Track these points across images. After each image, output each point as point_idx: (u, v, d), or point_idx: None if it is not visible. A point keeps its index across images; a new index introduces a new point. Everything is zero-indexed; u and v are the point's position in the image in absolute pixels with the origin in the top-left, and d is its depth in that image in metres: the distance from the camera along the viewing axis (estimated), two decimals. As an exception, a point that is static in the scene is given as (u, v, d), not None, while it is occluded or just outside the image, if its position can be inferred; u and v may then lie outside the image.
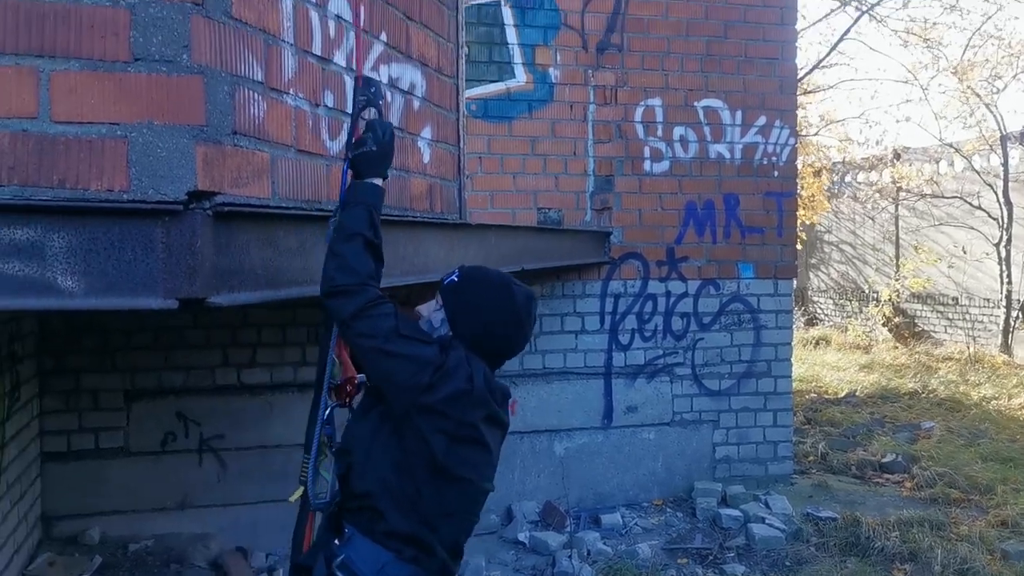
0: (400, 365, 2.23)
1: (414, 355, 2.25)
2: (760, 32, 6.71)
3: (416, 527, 2.29)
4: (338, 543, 2.28)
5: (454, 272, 2.49)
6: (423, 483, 2.29)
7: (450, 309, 2.45)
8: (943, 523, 5.91)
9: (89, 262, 1.70)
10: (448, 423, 2.29)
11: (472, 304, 2.44)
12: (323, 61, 2.39)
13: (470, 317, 2.42)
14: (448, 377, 2.27)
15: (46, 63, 1.68)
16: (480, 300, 2.44)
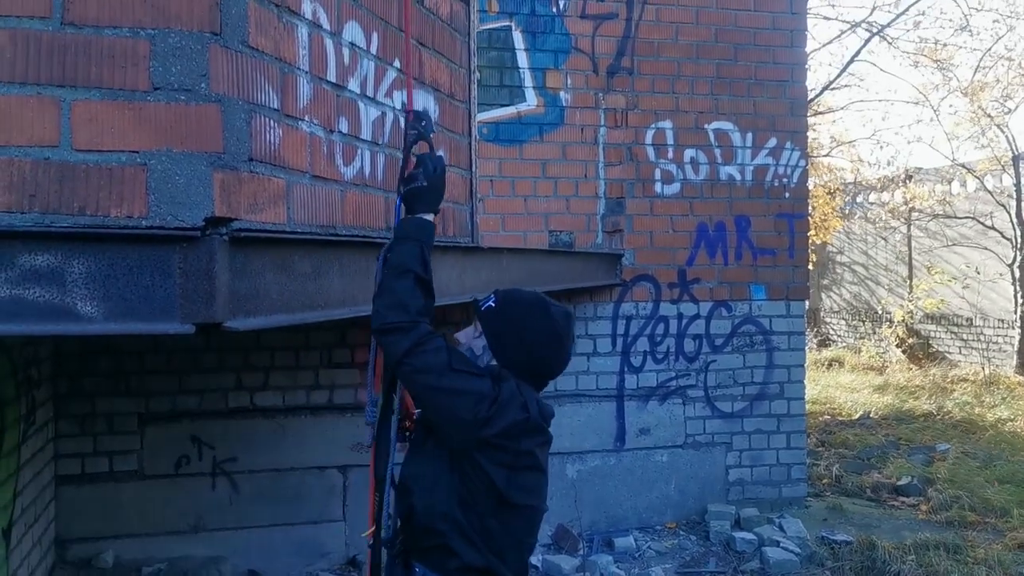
0: (456, 401, 2.23)
1: (469, 390, 2.24)
2: (770, 55, 6.74)
3: (488, 559, 2.30)
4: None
5: (489, 297, 2.50)
6: (488, 515, 2.30)
7: (491, 335, 2.45)
8: (959, 546, 5.86)
9: (108, 287, 1.72)
10: (506, 455, 2.30)
11: (513, 328, 2.43)
12: (337, 88, 2.42)
13: (512, 341, 2.42)
14: (504, 409, 2.27)
15: (67, 93, 1.71)
16: (520, 323, 2.44)
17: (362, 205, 2.59)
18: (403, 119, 2.50)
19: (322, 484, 5.74)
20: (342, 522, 5.77)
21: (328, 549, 5.73)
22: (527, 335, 2.42)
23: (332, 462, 5.76)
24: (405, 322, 2.21)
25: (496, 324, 2.45)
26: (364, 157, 2.59)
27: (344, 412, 5.80)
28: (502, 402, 2.27)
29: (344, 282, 2.44)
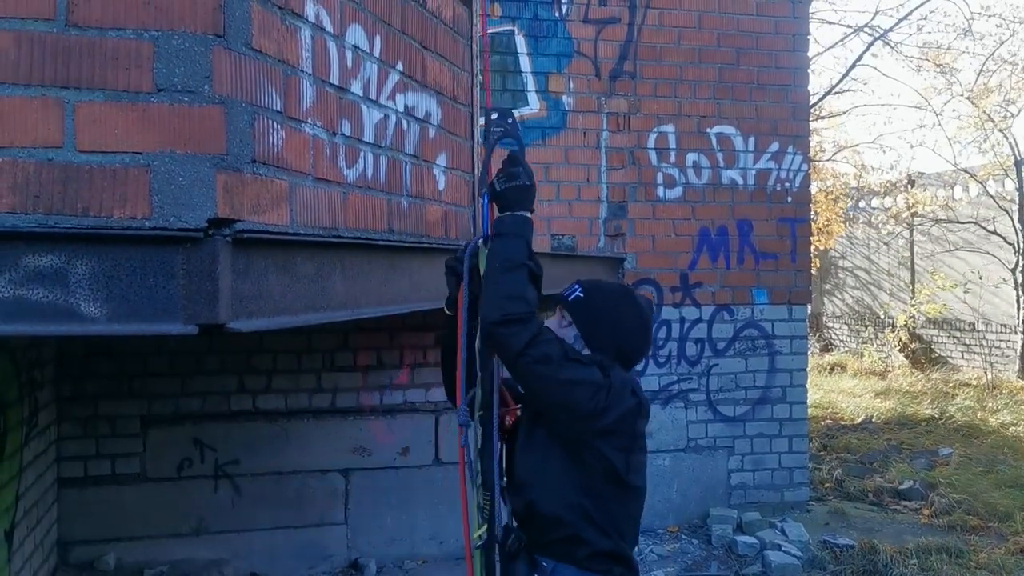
0: (575, 391, 2.25)
1: (586, 379, 2.27)
2: (772, 59, 6.75)
3: (615, 543, 2.35)
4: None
5: (574, 288, 2.53)
6: (610, 499, 2.35)
7: (582, 325, 2.48)
8: (962, 551, 5.85)
9: (111, 288, 1.73)
10: (624, 440, 2.35)
11: (605, 318, 2.48)
12: (340, 90, 2.43)
13: (605, 330, 2.46)
14: (619, 396, 2.31)
15: (71, 94, 1.72)
16: (612, 313, 2.49)
17: (365, 207, 2.59)
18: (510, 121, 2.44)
19: (324, 487, 5.74)
20: (344, 525, 5.77)
21: (330, 552, 5.73)
22: (619, 323, 2.47)
23: (334, 465, 5.76)
24: (523, 314, 2.22)
25: (586, 313, 2.48)
26: (367, 159, 2.60)
27: (346, 416, 5.81)
28: (616, 389, 2.31)
29: (347, 284, 2.45)
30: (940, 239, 16.29)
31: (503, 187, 2.35)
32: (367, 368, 5.89)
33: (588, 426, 2.28)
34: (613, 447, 2.32)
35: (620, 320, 2.49)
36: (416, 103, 2.97)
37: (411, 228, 2.95)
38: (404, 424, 5.91)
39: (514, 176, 2.36)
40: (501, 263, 2.26)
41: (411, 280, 2.95)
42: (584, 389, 2.26)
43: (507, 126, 2.46)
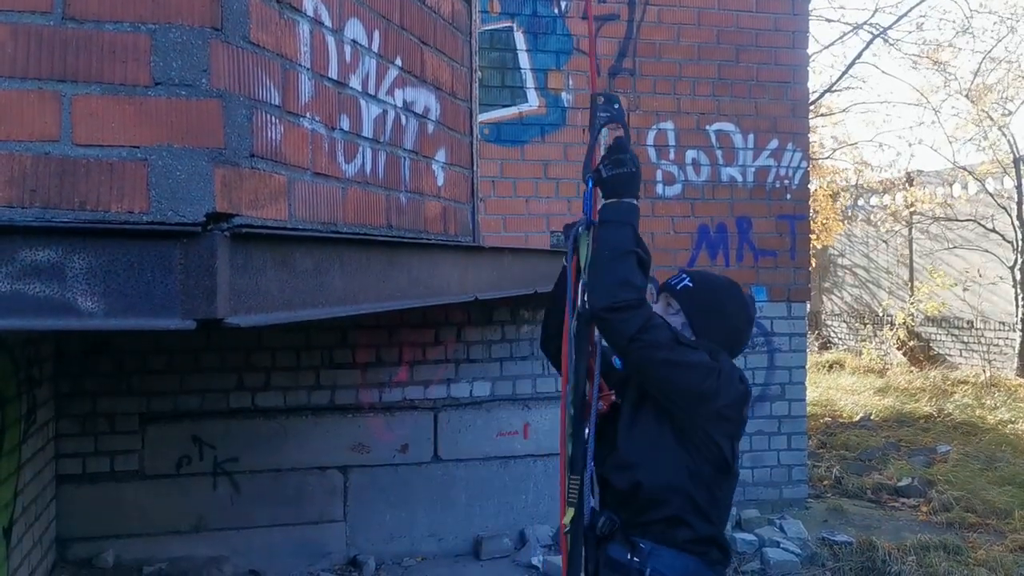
0: (688, 374, 2.29)
1: (697, 362, 2.31)
2: (772, 56, 6.74)
3: (715, 529, 2.39)
4: (637, 559, 2.33)
5: (682, 276, 2.59)
6: (713, 484, 2.39)
7: (691, 313, 2.51)
8: (960, 548, 5.85)
9: (109, 283, 1.72)
10: (731, 426, 2.41)
11: (714, 307, 2.52)
12: (339, 85, 2.42)
13: (713, 320, 2.50)
14: (728, 381, 2.36)
15: (68, 87, 1.71)
16: (721, 303, 2.54)
17: (363, 203, 2.58)
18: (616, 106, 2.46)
19: (323, 484, 5.74)
20: (343, 523, 5.77)
21: (329, 549, 5.73)
22: (728, 314, 2.53)
23: (333, 462, 5.76)
24: (635, 300, 2.25)
25: (696, 302, 2.52)
26: (365, 155, 2.59)
27: (346, 413, 5.80)
28: (726, 374, 2.35)
29: (345, 280, 2.44)
30: (939, 237, 16.30)
31: (609, 173, 2.36)
32: (366, 365, 5.88)
33: (700, 409, 2.33)
34: (722, 433, 2.38)
35: (729, 311, 2.54)
36: (415, 98, 2.96)
37: (410, 224, 2.94)
38: (403, 421, 5.91)
39: (621, 163, 2.37)
40: (610, 250, 2.28)
41: (410, 276, 2.94)
42: (695, 372, 2.30)
43: (614, 111, 2.46)
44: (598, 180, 2.40)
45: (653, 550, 2.33)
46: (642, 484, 2.36)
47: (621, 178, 2.36)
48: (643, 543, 2.35)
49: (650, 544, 2.34)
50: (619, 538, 2.37)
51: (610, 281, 2.26)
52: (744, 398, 2.42)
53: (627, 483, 2.38)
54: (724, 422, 2.38)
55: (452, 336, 6.07)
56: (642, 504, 2.37)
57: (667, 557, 2.33)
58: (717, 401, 2.32)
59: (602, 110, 2.49)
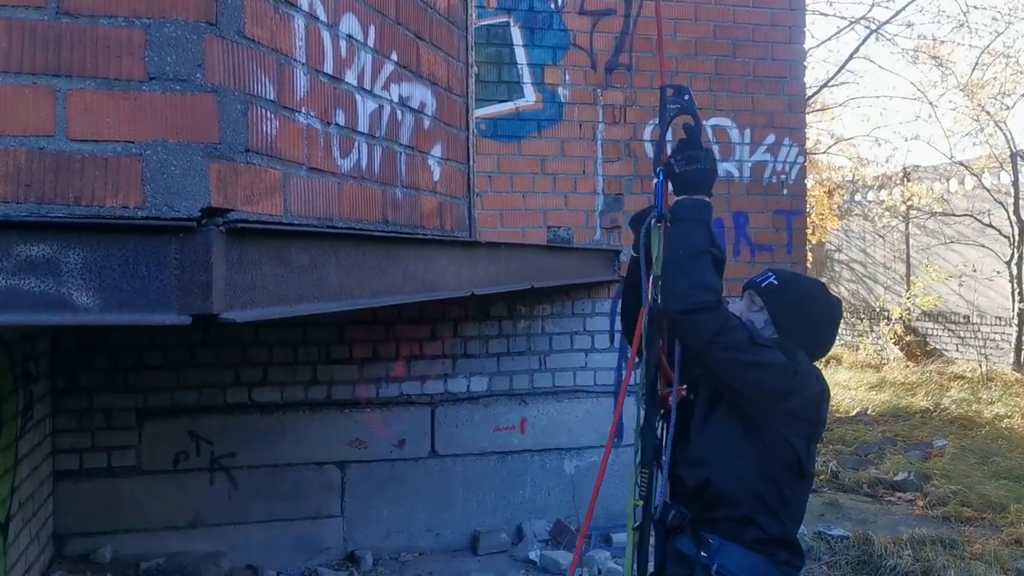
0: (762, 373, 2.28)
1: (773, 362, 2.30)
2: (768, 51, 6.73)
3: (785, 529, 2.37)
4: (704, 554, 2.32)
5: (768, 275, 2.57)
6: (785, 485, 2.36)
7: (774, 311, 2.49)
8: (956, 542, 5.87)
9: (104, 278, 1.72)
10: (807, 426, 2.37)
11: (800, 308, 2.49)
12: (334, 80, 2.42)
13: (798, 320, 2.48)
14: (805, 380, 2.35)
15: (62, 82, 1.71)
16: (808, 304, 2.51)
17: (359, 198, 2.58)
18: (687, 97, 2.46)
19: (320, 480, 5.74)
20: (340, 518, 5.77)
21: (327, 544, 5.73)
22: (814, 315, 2.50)
23: (330, 458, 5.76)
24: (712, 302, 2.24)
25: (782, 301, 2.50)
26: (361, 150, 2.59)
27: (343, 408, 5.81)
28: (802, 373, 2.35)
29: (341, 275, 2.44)
30: (936, 232, 16.32)
31: (683, 169, 2.36)
32: (363, 361, 5.88)
33: (774, 409, 2.31)
34: (797, 433, 2.35)
35: (815, 312, 2.51)
36: (411, 93, 2.96)
37: (406, 219, 2.94)
38: (400, 417, 5.91)
39: (695, 159, 2.37)
40: (685, 250, 2.28)
41: (406, 271, 2.94)
42: (770, 371, 2.29)
43: (683, 103, 2.45)
44: (670, 174, 2.39)
45: (721, 546, 2.33)
46: (711, 482, 2.35)
47: (695, 175, 2.36)
48: (711, 539, 2.34)
49: (718, 540, 2.34)
50: (688, 532, 2.37)
51: (686, 283, 2.24)
52: (821, 398, 2.40)
53: (696, 480, 2.38)
54: (798, 422, 2.36)
55: (449, 331, 6.07)
56: (710, 501, 2.37)
57: (734, 554, 2.32)
58: (792, 401, 2.31)
59: (672, 102, 2.48)
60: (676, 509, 2.39)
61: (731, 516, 2.34)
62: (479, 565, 5.59)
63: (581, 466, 6.35)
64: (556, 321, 6.34)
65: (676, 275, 2.27)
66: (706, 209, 2.37)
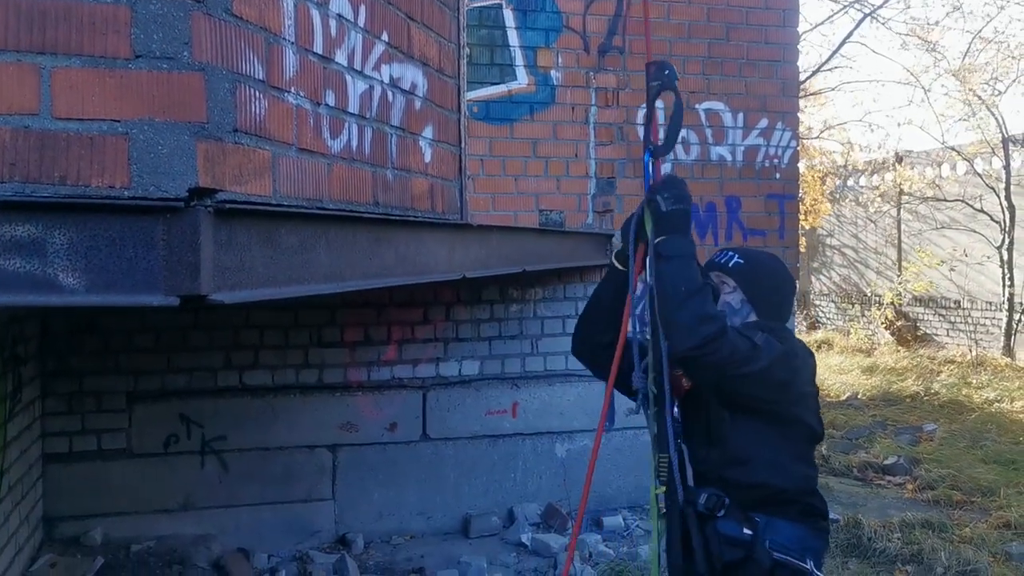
0: (772, 373, 2.37)
1: (774, 356, 2.37)
2: (762, 35, 6.71)
3: (819, 499, 2.51)
4: (751, 532, 2.38)
5: (729, 254, 2.70)
6: (805, 455, 2.53)
7: (749, 290, 2.61)
8: (946, 525, 5.90)
9: (90, 259, 1.70)
10: (812, 398, 2.55)
11: (769, 281, 2.65)
12: (324, 60, 2.40)
13: (769, 295, 2.63)
14: (798, 359, 2.49)
15: (47, 60, 1.68)
16: (774, 277, 2.67)
17: (349, 179, 2.56)
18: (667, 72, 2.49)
19: (312, 463, 5.74)
20: (331, 501, 5.78)
21: (318, 527, 5.74)
22: (779, 285, 2.67)
23: (321, 441, 5.76)
24: (718, 330, 2.27)
25: (752, 278, 2.63)
26: (351, 131, 2.57)
27: (334, 391, 5.80)
28: (797, 353, 2.49)
29: (331, 257, 2.42)
30: (927, 217, 16.34)
31: (670, 208, 2.40)
32: (355, 344, 5.87)
33: (786, 396, 2.43)
34: (807, 408, 2.50)
35: (779, 283, 2.68)
36: (402, 74, 2.93)
37: (397, 201, 2.92)
38: (392, 400, 5.91)
39: (682, 199, 2.41)
40: (684, 287, 2.31)
41: (397, 254, 2.93)
42: (776, 367, 2.37)
43: (664, 78, 2.47)
44: (657, 213, 2.41)
45: (768, 523, 2.39)
46: (766, 482, 2.43)
47: (681, 215, 2.40)
48: (758, 517, 2.40)
49: (764, 518, 2.40)
50: (730, 515, 2.39)
51: (690, 320, 2.27)
52: (812, 366, 2.55)
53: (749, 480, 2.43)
54: (806, 398, 2.50)
55: (440, 315, 6.06)
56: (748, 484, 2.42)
57: (783, 527, 2.40)
58: (798, 384, 2.45)
59: (654, 78, 2.49)
60: (708, 492, 2.40)
61: (776, 497, 2.43)
62: (470, 548, 5.60)
63: (572, 450, 6.36)
64: (548, 305, 6.33)
65: (679, 313, 2.30)
66: (693, 246, 2.42)
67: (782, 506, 2.43)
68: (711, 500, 2.38)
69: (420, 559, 5.48)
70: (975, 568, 5.13)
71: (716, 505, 2.38)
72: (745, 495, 2.41)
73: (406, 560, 5.51)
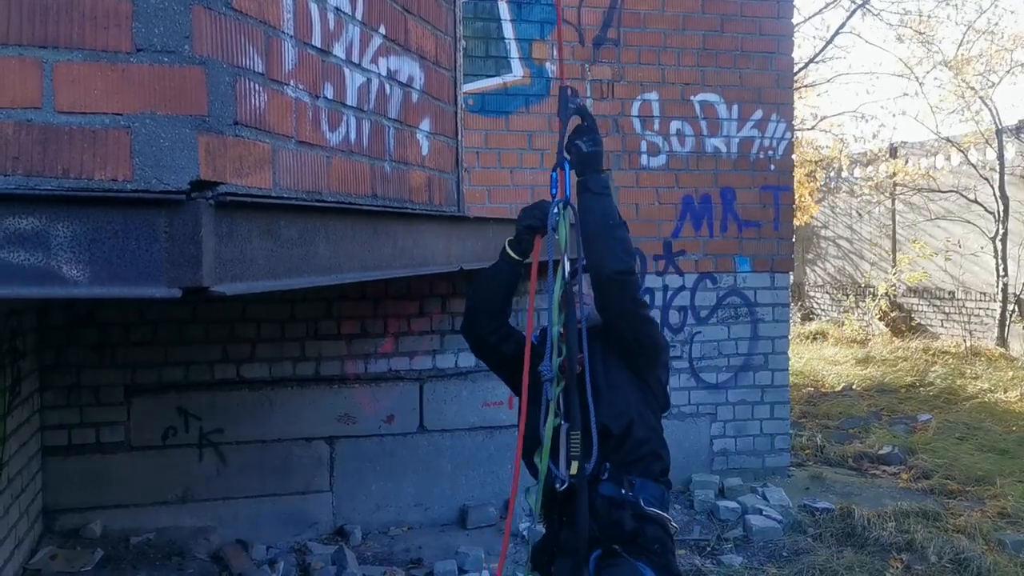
0: (654, 329, 2.74)
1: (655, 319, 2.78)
2: (756, 26, 6.73)
3: (668, 459, 2.80)
4: (631, 493, 2.65)
5: None
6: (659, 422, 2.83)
7: None
8: (939, 514, 5.94)
9: (93, 251, 1.72)
10: (668, 371, 2.90)
11: None
12: (323, 53, 2.41)
13: None
14: None
15: (50, 54, 1.70)
16: None
17: (348, 172, 2.58)
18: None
19: (309, 455, 5.76)
20: (329, 493, 5.80)
21: (316, 519, 5.76)
22: None
23: (319, 433, 5.78)
24: (635, 265, 2.57)
25: None
26: (349, 123, 2.59)
27: (331, 384, 5.81)
28: None
29: (330, 249, 2.44)
30: (922, 208, 16.37)
31: (590, 149, 2.63)
32: (351, 337, 5.89)
33: (657, 359, 2.78)
34: (666, 378, 2.86)
35: None
36: (399, 67, 2.95)
37: (394, 193, 2.94)
38: (389, 392, 5.93)
39: (598, 142, 2.65)
40: (610, 219, 2.56)
41: (395, 246, 2.95)
42: (656, 327, 2.78)
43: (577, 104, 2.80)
44: (579, 155, 2.63)
45: (642, 484, 2.67)
46: (634, 422, 2.68)
47: (599, 155, 2.63)
48: (634, 479, 2.67)
49: (639, 479, 2.67)
50: (610, 478, 2.65)
51: (619, 248, 2.52)
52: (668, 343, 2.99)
53: (621, 425, 2.67)
54: (665, 369, 2.86)
55: (437, 307, 6.07)
56: (632, 444, 2.68)
57: (651, 487, 2.69)
58: (665, 352, 2.82)
59: (571, 101, 2.75)
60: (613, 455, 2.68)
61: (646, 454, 2.71)
62: (468, 539, 5.63)
63: (569, 441, 6.37)
64: (543, 297, 6.33)
65: (608, 241, 2.54)
66: (611, 183, 2.66)
67: (649, 465, 2.71)
68: (595, 466, 2.62)
69: (418, 550, 5.51)
70: (969, 556, 5.17)
71: (599, 470, 2.64)
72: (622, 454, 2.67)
73: (404, 551, 5.54)
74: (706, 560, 5.35)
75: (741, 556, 5.38)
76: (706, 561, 5.33)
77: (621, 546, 2.65)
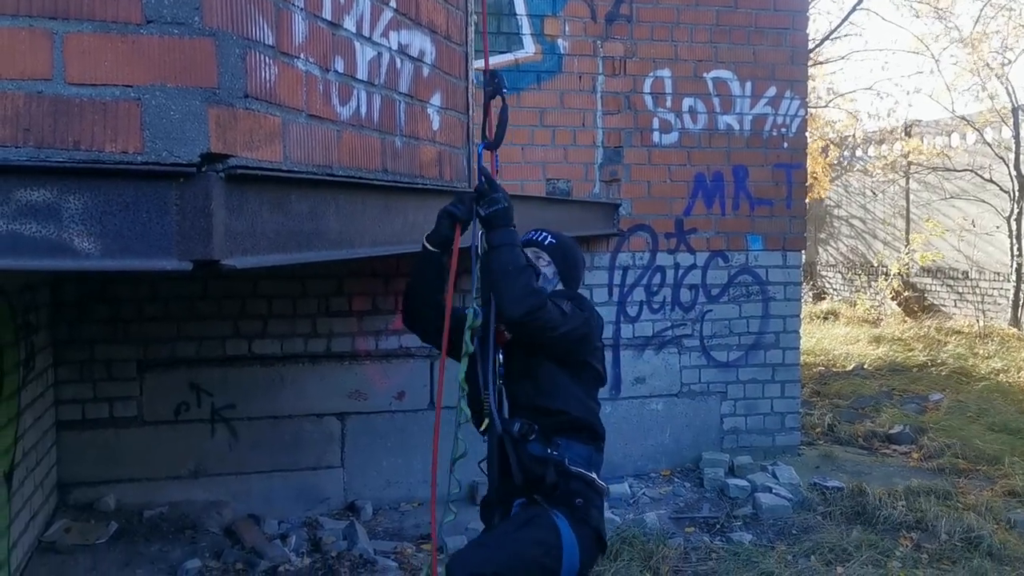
0: (576, 332, 2.95)
1: (576, 320, 2.95)
2: (771, 1, 6.66)
3: (599, 424, 3.11)
4: (556, 452, 2.97)
5: (543, 233, 3.27)
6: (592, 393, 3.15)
7: (559, 266, 3.20)
8: (950, 493, 5.94)
9: (105, 224, 1.72)
10: (600, 351, 3.17)
11: (572, 258, 3.26)
12: (333, 26, 2.40)
13: (573, 271, 3.25)
14: (594, 319, 3.09)
15: (59, 25, 1.69)
16: (575, 255, 3.28)
17: (358, 146, 2.57)
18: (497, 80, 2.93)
19: (320, 431, 5.79)
20: (340, 468, 5.83)
21: (327, 495, 5.80)
22: (580, 262, 3.30)
23: (330, 409, 5.81)
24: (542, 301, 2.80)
25: (562, 256, 3.22)
26: (360, 97, 2.57)
27: (342, 360, 5.84)
28: (591, 315, 3.08)
29: (341, 223, 2.44)
30: (936, 187, 16.26)
31: (488, 212, 2.80)
32: (362, 313, 5.90)
33: (582, 349, 3.04)
34: (598, 360, 3.15)
35: (578, 259, 3.30)
36: (410, 41, 2.93)
37: (405, 168, 2.93)
38: (400, 369, 5.95)
39: (495, 201, 2.80)
40: (512, 268, 2.77)
41: (405, 221, 2.95)
42: (579, 328, 2.98)
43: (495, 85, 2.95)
44: (480, 219, 2.84)
45: (567, 444, 2.99)
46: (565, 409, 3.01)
47: (499, 214, 2.79)
48: (560, 440, 2.99)
49: (565, 441, 2.99)
50: (538, 439, 2.97)
51: (521, 292, 2.75)
52: (603, 326, 3.20)
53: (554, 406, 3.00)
54: (597, 351, 3.13)
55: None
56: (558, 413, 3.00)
57: (577, 448, 3.01)
58: (592, 340, 3.08)
59: (487, 84, 2.93)
60: (520, 422, 2.99)
61: (571, 424, 3.01)
62: (477, 514, 5.64)
63: (579, 418, 6.38)
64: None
65: (511, 287, 2.75)
66: (516, 235, 2.84)
67: (577, 431, 3.02)
68: (523, 427, 2.97)
69: (428, 526, 5.54)
70: (979, 535, 5.16)
71: (527, 431, 2.96)
72: (551, 421, 2.99)
73: (414, 527, 5.58)
74: (715, 538, 5.36)
75: (750, 534, 5.39)
76: (715, 539, 5.35)
77: (542, 497, 2.95)
